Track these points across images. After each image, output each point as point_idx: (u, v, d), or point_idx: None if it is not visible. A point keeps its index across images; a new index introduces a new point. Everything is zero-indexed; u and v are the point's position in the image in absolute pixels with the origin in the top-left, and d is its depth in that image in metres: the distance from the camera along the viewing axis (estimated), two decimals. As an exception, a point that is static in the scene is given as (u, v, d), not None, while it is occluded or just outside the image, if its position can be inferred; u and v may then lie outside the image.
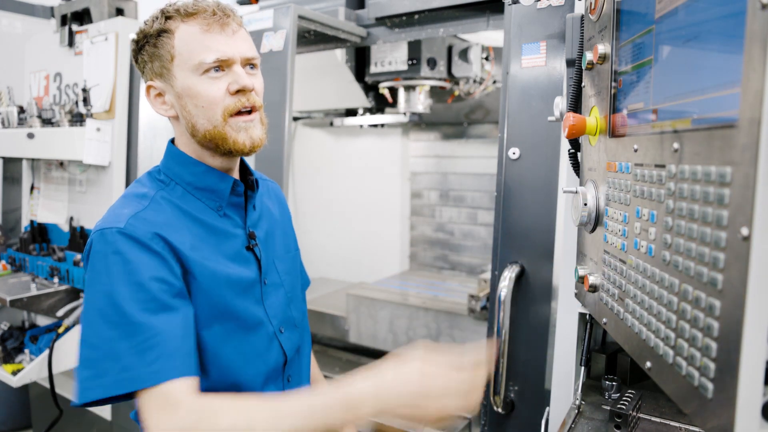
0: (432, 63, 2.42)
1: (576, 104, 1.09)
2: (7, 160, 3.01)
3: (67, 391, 2.60)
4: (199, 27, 1.04)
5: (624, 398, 0.98)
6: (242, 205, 1.16)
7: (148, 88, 1.10)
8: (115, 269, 0.95)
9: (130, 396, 0.92)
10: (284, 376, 1.19)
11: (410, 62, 2.43)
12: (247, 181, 1.19)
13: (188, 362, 0.94)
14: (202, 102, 1.04)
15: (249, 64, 1.09)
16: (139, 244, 0.97)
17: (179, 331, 0.95)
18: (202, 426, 0.86)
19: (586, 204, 0.98)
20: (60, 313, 2.33)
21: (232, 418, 0.86)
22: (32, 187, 2.80)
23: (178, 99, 1.07)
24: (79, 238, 2.43)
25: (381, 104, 2.85)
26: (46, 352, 2.26)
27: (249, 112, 1.08)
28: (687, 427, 0.96)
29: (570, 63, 1.15)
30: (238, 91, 1.05)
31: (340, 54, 2.52)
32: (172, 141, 1.16)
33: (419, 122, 2.93)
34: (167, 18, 1.05)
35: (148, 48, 1.07)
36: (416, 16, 2.03)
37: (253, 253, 1.15)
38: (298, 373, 1.25)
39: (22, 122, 2.50)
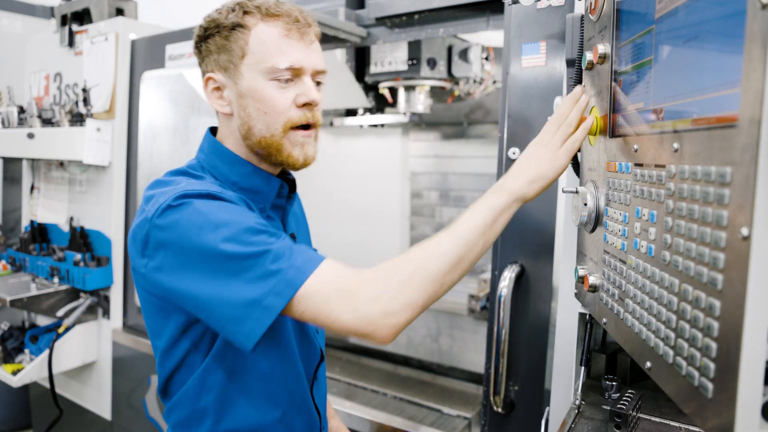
0: (432, 63, 2.42)
1: (576, 104, 1.09)
2: (7, 160, 3.01)
3: (68, 390, 2.60)
4: (278, 30, 0.99)
5: (624, 398, 0.98)
6: (282, 206, 1.12)
7: (208, 79, 1.04)
8: (213, 206, 0.88)
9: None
10: (316, 375, 1.17)
11: (410, 62, 2.42)
12: (287, 180, 1.14)
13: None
14: (266, 107, 0.99)
15: (317, 78, 1.06)
16: (229, 201, 0.92)
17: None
18: (399, 264, 0.87)
19: (586, 204, 0.98)
20: (60, 313, 2.33)
21: (420, 249, 0.90)
22: (32, 187, 2.79)
23: (238, 98, 1.01)
24: (79, 238, 2.43)
25: (381, 104, 2.84)
26: (46, 352, 2.26)
27: (308, 127, 1.04)
28: (687, 427, 0.96)
29: (570, 63, 1.15)
30: (304, 105, 1.01)
31: (340, 54, 2.52)
32: (213, 133, 1.10)
33: (419, 122, 2.93)
34: (245, 12, 1.00)
35: (218, 38, 1.01)
36: (416, 16, 2.03)
37: None
38: (323, 372, 1.23)
39: (22, 122, 2.50)
